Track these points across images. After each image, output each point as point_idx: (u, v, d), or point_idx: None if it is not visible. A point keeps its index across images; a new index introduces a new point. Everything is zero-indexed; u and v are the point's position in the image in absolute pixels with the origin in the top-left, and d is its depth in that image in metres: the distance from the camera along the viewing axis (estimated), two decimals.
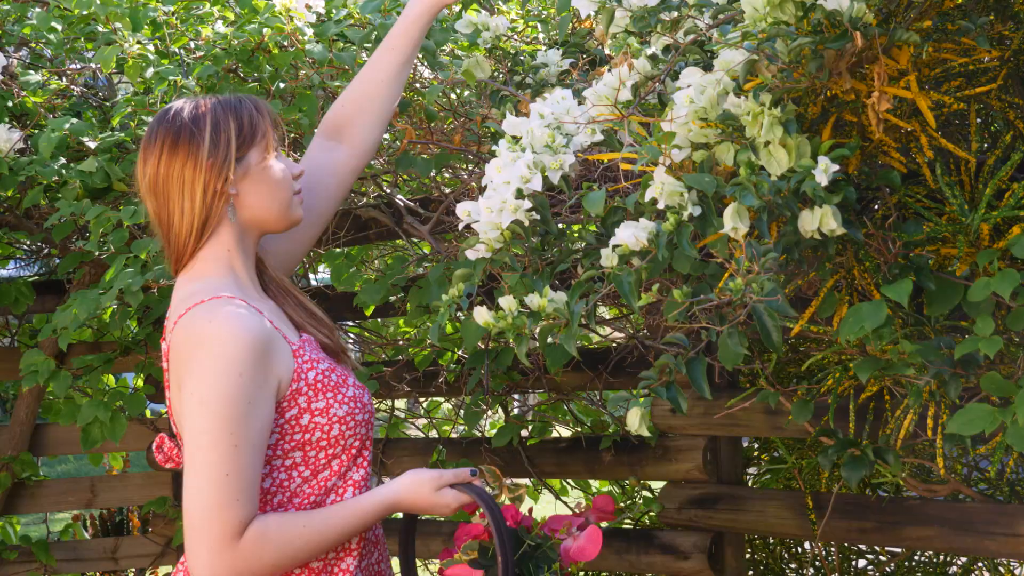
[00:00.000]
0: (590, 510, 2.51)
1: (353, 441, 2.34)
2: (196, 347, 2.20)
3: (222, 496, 2.15)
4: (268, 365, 2.22)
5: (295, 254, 2.61)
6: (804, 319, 2.43)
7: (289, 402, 2.27)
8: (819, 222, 2.11)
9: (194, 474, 2.17)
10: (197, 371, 2.19)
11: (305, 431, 2.29)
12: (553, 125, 2.43)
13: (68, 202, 3.32)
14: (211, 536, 2.15)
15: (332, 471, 2.32)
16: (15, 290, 4.04)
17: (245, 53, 3.14)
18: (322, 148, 2.64)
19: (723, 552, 3.40)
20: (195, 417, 2.18)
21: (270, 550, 2.19)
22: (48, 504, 4.55)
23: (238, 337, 2.19)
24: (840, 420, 2.78)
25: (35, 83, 3.48)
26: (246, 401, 2.18)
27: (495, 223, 2.35)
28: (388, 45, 2.65)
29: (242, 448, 2.17)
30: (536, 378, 3.46)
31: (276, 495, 2.29)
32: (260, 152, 2.34)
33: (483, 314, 2.22)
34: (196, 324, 2.22)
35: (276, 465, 2.29)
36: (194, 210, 2.31)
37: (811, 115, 2.31)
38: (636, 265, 2.16)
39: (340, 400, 2.32)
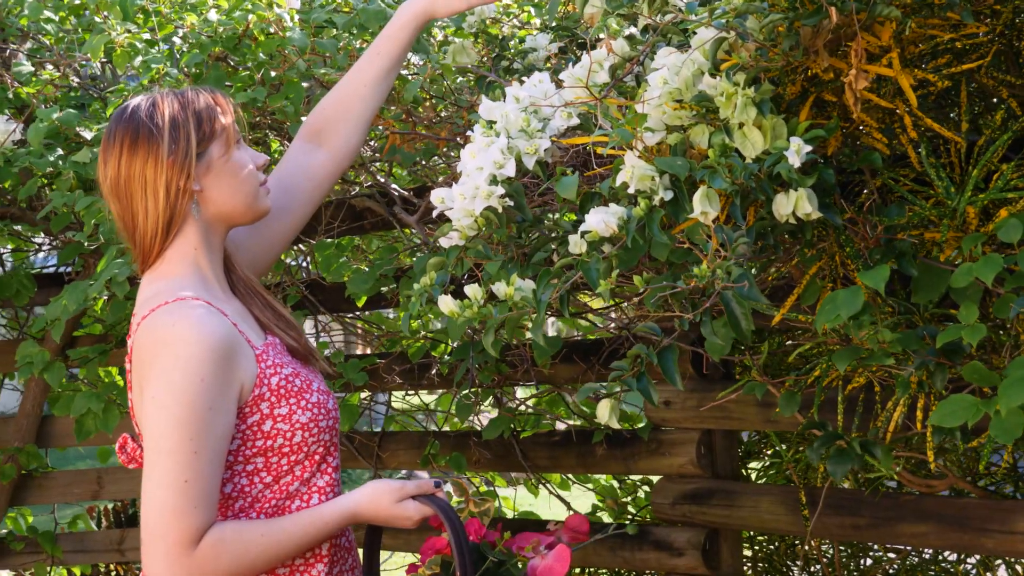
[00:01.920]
0: (562, 529, 2.44)
1: (316, 447, 2.29)
2: (158, 350, 2.16)
3: (180, 502, 2.11)
4: (230, 370, 2.17)
5: (269, 255, 2.56)
6: (786, 307, 2.35)
7: (251, 408, 2.22)
8: (794, 206, 2.04)
9: (153, 479, 2.13)
10: (158, 374, 2.14)
11: (267, 437, 2.24)
12: (530, 109, 2.38)
13: (61, 193, 3.29)
14: (167, 543, 2.10)
15: (295, 477, 2.27)
16: (17, 282, 4.03)
17: (232, 40, 3.10)
18: (302, 150, 2.58)
19: (719, 548, 3.33)
20: (155, 421, 2.13)
21: (226, 559, 2.14)
22: (55, 496, 4.54)
23: (200, 341, 2.14)
24: (829, 412, 2.71)
25: (27, 73, 3.45)
26: (207, 407, 2.13)
27: (468, 210, 2.29)
28: (375, 50, 2.60)
29: (202, 454, 2.12)
30: (525, 371, 3.40)
31: (237, 500, 2.24)
32: (221, 145, 2.29)
33: (448, 303, 2.16)
34: (158, 326, 2.17)
35: (238, 471, 2.24)
36: (158, 209, 2.25)
37: (790, 95, 2.23)
38: (607, 252, 2.10)
39: (304, 406, 2.27)
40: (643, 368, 2.13)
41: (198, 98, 2.30)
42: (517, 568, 2.32)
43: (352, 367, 3.47)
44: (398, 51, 2.59)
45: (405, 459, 3.84)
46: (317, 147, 2.58)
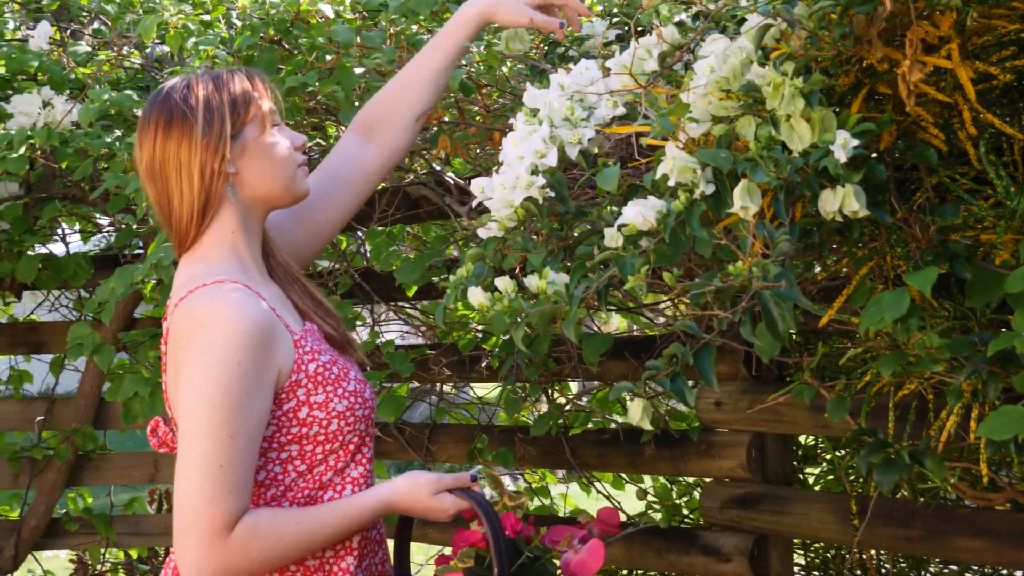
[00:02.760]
0: (594, 522, 2.37)
1: (352, 437, 2.25)
2: (195, 333, 2.12)
3: (215, 488, 2.07)
4: (268, 354, 2.13)
5: (312, 244, 2.53)
6: (834, 308, 2.26)
7: (287, 394, 2.18)
8: (841, 203, 1.95)
9: (187, 464, 2.09)
10: (194, 357, 2.11)
11: (303, 424, 2.19)
12: (576, 98, 2.30)
13: (115, 174, 3.27)
14: (200, 529, 2.07)
15: (329, 466, 2.23)
16: (74, 264, 4.03)
17: (283, 23, 3.05)
18: (352, 142, 2.55)
19: (767, 555, 3.24)
20: (191, 405, 2.10)
21: (259, 546, 2.10)
22: (112, 478, 4.54)
23: (238, 324, 2.10)
24: (881, 419, 2.60)
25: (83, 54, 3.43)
26: (244, 391, 2.09)
27: (508, 200, 2.22)
28: (432, 45, 2.56)
29: (237, 439, 2.08)
30: (572, 367, 3.32)
31: (270, 488, 2.20)
32: (257, 126, 2.25)
33: (478, 296, 2.09)
34: (195, 309, 2.14)
35: (271, 458, 2.20)
36: (193, 192, 2.22)
37: (842, 87, 2.14)
38: (644, 246, 2.02)
39: (340, 394, 2.23)
40: (678, 368, 2.05)
41: (233, 79, 2.27)
42: (552, 563, 2.26)
43: (400, 357, 3.42)
44: (455, 48, 2.55)
45: (455, 452, 3.79)
46: (367, 141, 2.54)
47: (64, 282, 4.15)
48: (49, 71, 3.58)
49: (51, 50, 3.49)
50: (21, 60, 3.58)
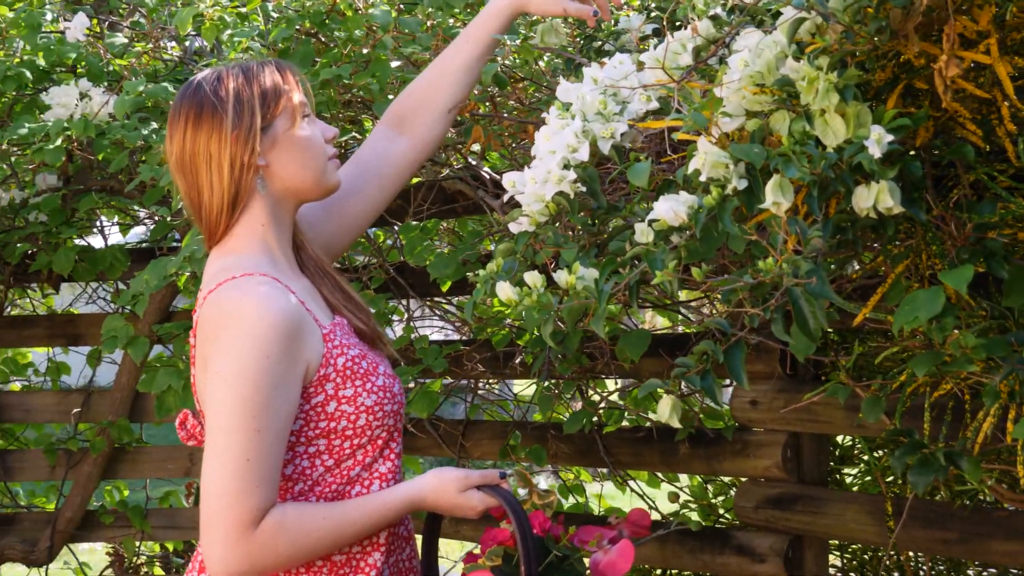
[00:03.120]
0: (624, 523, 2.35)
1: (380, 432, 2.23)
2: (223, 325, 2.11)
3: (242, 482, 2.06)
4: (296, 348, 2.12)
5: (343, 238, 2.52)
6: (869, 307, 2.22)
7: (316, 388, 2.17)
8: (875, 199, 1.91)
9: (214, 458, 2.08)
10: (223, 350, 2.10)
11: (331, 419, 2.18)
12: (609, 92, 2.28)
13: (150, 166, 3.27)
14: (227, 523, 2.06)
15: (356, 461, 2.22)
16: (111, 256, 4.03)
17: (319, 15, 3.04)
18: (384, 136, 2.54)
19: (802, 556, 3.20)
20: (218, 398, 2.09)
21: (286, 541, 2.09)
22: (148, 471, 4.55)
23: (266, 317, 2.09)
24: (918, 420, 2.56)
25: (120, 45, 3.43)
26: (272, 384, 2.08)
27: (539, 195, 2.20)
28: (463, 37, 2.54)
29: (265, 433, 2.07)
30: (605, 363, 3.29)
31: (297, 483, 2.19)
32: (287, 119, 2.24)
33: (506, 290, 2.07)
34: (224, 301, 2.13)
35: (299, 452, 2.19)
36: (223, 184, 2.22)
37: (878, 82, 2.10)
38: (676, 242, 1.99)
39: (369, 389, 2.21)
40: (708, 366, 2.03)
41: (263, 72, 2.26)
42: (580, 562, 2.24)
43: (432, 353, 3.40)
44: (487, 40, 2.53)
45: (489, 449, 3.76)
46: (399, 134, 2.53)
47: (101, 274, 4.16)
48: (87, 63, 3.59)
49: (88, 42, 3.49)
50: (60, 52, 3.59)
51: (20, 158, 3.70)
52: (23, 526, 4.50)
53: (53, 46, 3.59)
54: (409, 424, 3.71)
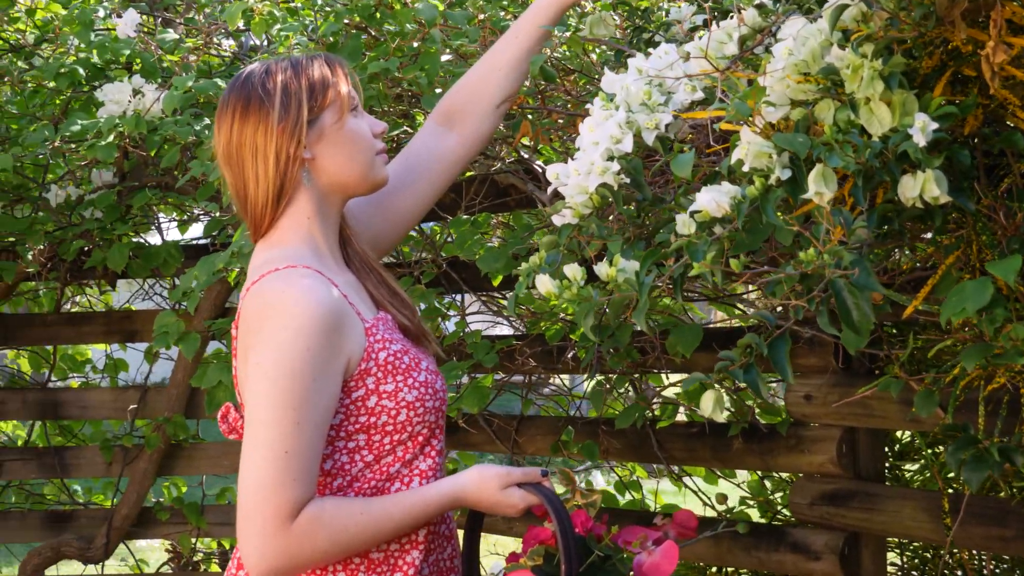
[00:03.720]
0: (670, 524, 2.31)
1: (421, 428, 2.21)
2: (264, 317, 2.10)
3: (279, 475, 2.04)
4: (338, 341, 2.11)
5: (391, 234, 2.50)
6: (919, 299, 2.17)
7: (357, 382, 2.15)
8: (921, 188, 1.87)
9: (252, 450, 2.07)
10: (263, 341, 2.08)
11: (371, 414, 2.16)
12: (654, 82, 2.25)
13: (201, 162, 3.27)
14: (264, 516, 2.04)
15: (397, 457, 2.20)
16: (164, 252, 4.05)
17: (367, 9, 3.03)
18: (433, 131, 2.52)
19: (859, 554, 3.14)
20: (258, 390, 2.08)
21: (323, 535, 2.07)
22: (204, 467, 4.55)
23: (308, 310, 2.08)
24: (973, 414, 2.51)
25: (171, 42, 3.44)
26: (311, 377, 2.06)
27: (582, 186, 2.17)
28: (513, 32, 2.52)
29: (304, 426, 2.06)
30: (656, 357, 3.25)
31: (336, 478, 2.17)
32: (335, 112, 2.23)
33: (546, 283, 2.04)
34: (266, 293, 2.12)
35: (339, 447, 2.17)
36: (268, 177, 2.21)
37: (925, 69, 2.05)
38: (719, 233, 1.95)
39: (410, 384, 2.19)
40: (752, 359, 1.99)
41: (312, 65, 2.25)
42: (623, 563, 2.20)
43: (482, 347, 3.38)
44: (536, 33, 2.50)
45: (543, 445, 3.73)
46: (448, 130, 2.52)
47: (156, 271, 4.17)
48: (141, 60, 3.60)
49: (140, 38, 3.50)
50: (114, 49, 3.60)
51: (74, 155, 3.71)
52: (80, 523, 4.53)
53: (108, 43, 3.61)
54: (461, 420, 3.69)
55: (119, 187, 3.94)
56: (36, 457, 4.57)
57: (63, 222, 4.02)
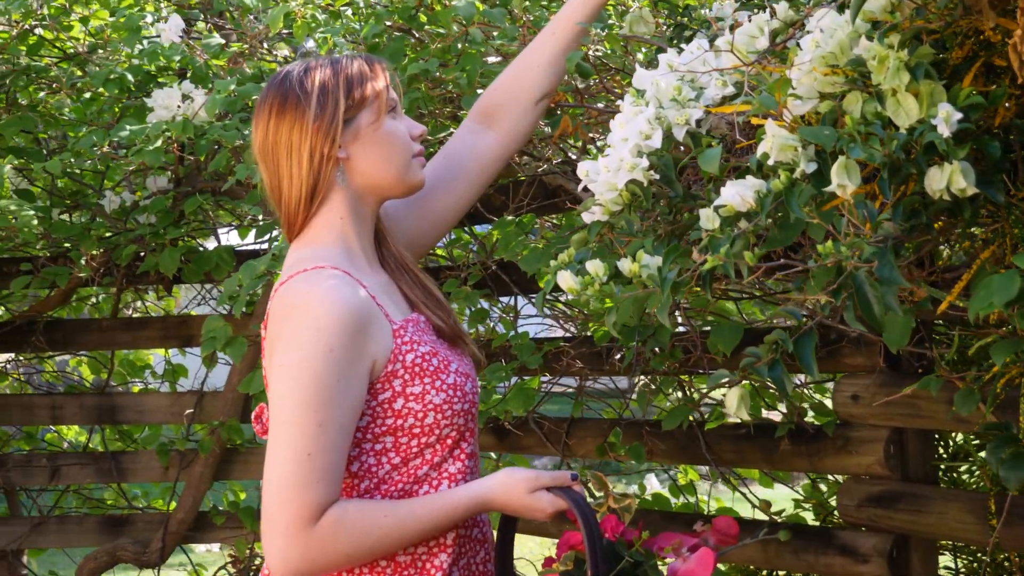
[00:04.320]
0: (709, 531, 2.26)
1: (449, 431, 2.19)
2: (289, 318, 2.10)
3: (302, 475, 2.03)
4: (362, 342, 2.10)
5: (429, 234, 2.49)
6: (953, 294, 2.12)
7: (383, 384, 2.14)
8: (948, 180, 1.82)
9: (276, 451, 2.07)
10: (287, 342, 2.08)
11: (398, 416, 2.15)
12: (687, 77, 2.22)
13: (246, 165, 3.28)
14: (286, 517, 2.03)
15: (424, 460, 2.18)
16: (216, 257, 4.06)
17: (408, 10, 3.02)
18: (471, 130, 2.51)
19: (908, 557, 3.08)
20: (281, 390, 2.08)
21: (346, 538, 2.06)
22: (260, 472, 4.54)
23: (332, 310, 2.07)
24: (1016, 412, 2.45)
25: (216, 46, 3.45)
26: (334, 379, 2.06)
27: (611, 183, 2.15)
28: (549, 29, 2.50)
29: (327, 427, 2.05)
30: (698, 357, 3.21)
31: (363, 480, 2.16)
32: (372, 113, 2.22)
33: (567, 280, 2.02)
34: (293, 293, 2.12)
35: (365, 449, 2.16)
36: (302, 175, 2.21)
37: (956, 59, 2.00)
38: (744, 228, 1.92)
39: (438, 387, 2.17)
40: (778, 355, 1.95)
41: (352, 65, 2.24)
42: (655, 570, 2.17)
43: (527, 348, 3.35)
44: (573, 30, 2.48)
45: (593, 447, 3.70)
46: (486, 129, 2.50)
47: (208, 275, 4.19)
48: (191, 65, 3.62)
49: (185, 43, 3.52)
50: (166, 55, 3.62)
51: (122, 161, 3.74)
52: (136, 527, 4.55)
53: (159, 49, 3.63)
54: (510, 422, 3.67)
55: (172, 192, 3.97)
56: (93, 462, 4.61)
57: (118, 228, 4.05)
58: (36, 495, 4.93)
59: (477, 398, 2.28)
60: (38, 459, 4.66)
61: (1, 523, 4.70)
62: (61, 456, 4.70)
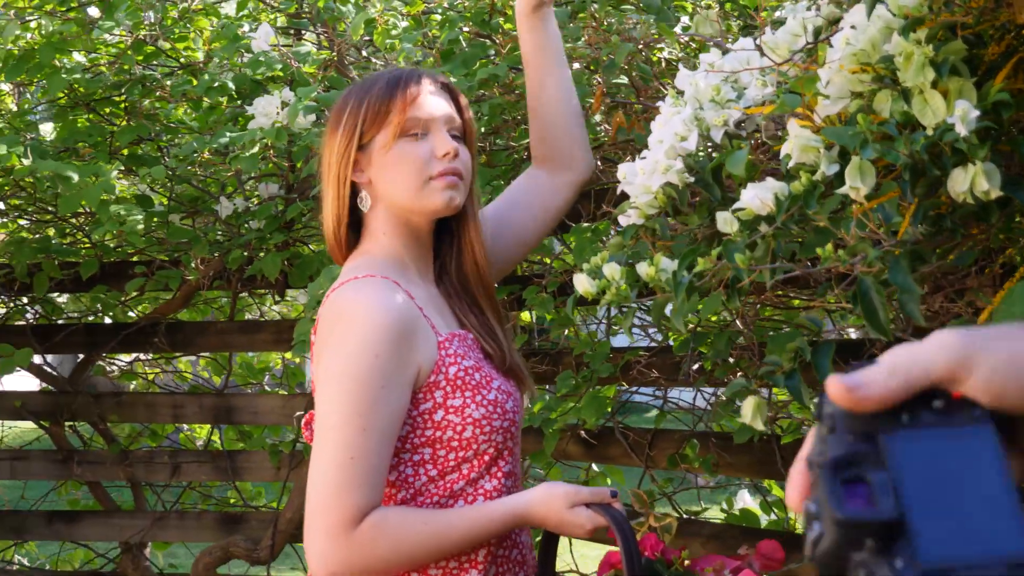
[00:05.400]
0: (754, 555, 2.20)
1: (487, 447, 2.17)
2: (336, 323, 2.12)
3: (344, 479, 2.04)
4: (408, 350, 2.10)
5: (509, 258, 2.48)
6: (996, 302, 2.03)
7: (425, 394, 2.14)
8: (971, 182, 1.74)
9: (319, 454, 2.08)
10: (333, 347, 2.10)
11: (437, 427, 2.14)
12: (731, 78, 2.17)
13: None
14: (328, 520, 2.04)
15: (461, 475, 2.17)
16: (317, 261, 4.10)
17: (480, 15, 3.01)
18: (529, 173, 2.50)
19: None
20: (326, 395, 2.09)
21: (384, 543, 2.05)
22: None
23: (378, 317, 2.08)
24: None
25: (305, 53, 3.49)
26: (379, 384, 2.06)
27: (646, 186, 2.11)
28: (525, 63, 2.46)
29: (370, 432, 2.05)
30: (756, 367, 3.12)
31: (400, 490, 2.16)
32: (388, 134, 2.20)
33: (583, 282, 1.98)
34: (341, 300, 2.14)
35: (404, 459, 2.16)
36: (333, 195, 2.25)
37: (992, 56, 1.91)
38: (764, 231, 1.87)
39: (479, 401, 2.16)
40: (796, 365, 1.89)
41: (379, 84, 2.24)
42: None
43: (599, 356, 3.31)
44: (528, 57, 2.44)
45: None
46: (539, 169, 2.48)
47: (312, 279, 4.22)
48: (294, 73, 3.67)
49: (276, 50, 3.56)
50: (269, 63, 3.67)
51: (222, 168, 3.81)
52: (250, 525, 4.63)
53: (263, 57, 3.68)
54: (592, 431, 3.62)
55: (279, 198, 4.01)
56: (211, 460, 4.70)
57: (231, 233, 4.12)
58: (161, 491, 5.05)
59: (519, 418, 2.26)
60: (160, 456, 4.78)
61: (126, 516, 4.84)
62: (182, 453, 4.82)
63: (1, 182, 4.00)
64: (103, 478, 4.84)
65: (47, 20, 3.77)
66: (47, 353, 4.73)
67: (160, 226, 4.13)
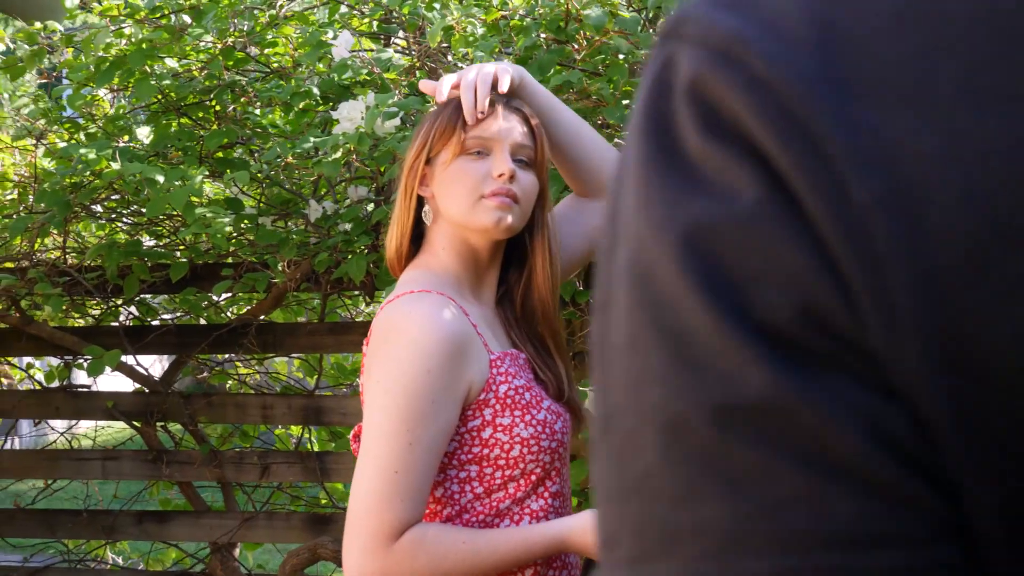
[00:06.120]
0: None
1: (534, 467, 2.16)
2: (390, 336, 2.12)
3: (387, 492, 2.03)
4: (459, 367, 2.10)
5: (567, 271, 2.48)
6: None
7: (474, 412, 2.13)
8: None
9: (364, 465, 2.08)
10: (385, 360, 2.10)
11: (484, 445, 2.14)
12: None
13: None
14: (367, 532, 2.04)
15: (507, 494, 2.16)
16: None
17: (555, 22, 3.01)
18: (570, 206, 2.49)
19: None
20: (375, 406, 2.09)
21: (424, 559, 2.05)
22: None
23: (432, 333, 2.08)
24: None
25: (386, 60, 3.52)
26: (429, 400, 2.06)
27: None
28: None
29: (416, 447, 2.05)
30: None
31: (446, 507, 2.16)
32: (449, 151, 2.21)
33: None
34: (395, 314, 2.14)
35: (450, 475, 2.16)
36: (403, 208, 2.27)
37: None
38: None
39: (528, 421, 2.15)
40: None
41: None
42: None
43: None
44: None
45: None
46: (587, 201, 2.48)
47: None
48: (380, 79, 3.70)
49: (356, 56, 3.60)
50: (356, 69, 3.71)
51: (306, 172, 3.85)
52: (338, 526, 4.64)
53: (349, 62, 3.72)
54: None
55: (366, 201, 4.05)
56: (300, 460, 4.74)
57: (320, 236, 4.16)
58: (251, 491, 5.10)
59: (567, 439, 2.25)
60: (249, 456, 4.83)
61: (216, 516, 4.89)
62: (271, 454, 4.86)
63: (97, 184, 4.07)
64: (193, 478, 4.90)
65: (137, 28, 3.84)
66: (138, 354, 4.79)
67: (249, 229, 4.18)
